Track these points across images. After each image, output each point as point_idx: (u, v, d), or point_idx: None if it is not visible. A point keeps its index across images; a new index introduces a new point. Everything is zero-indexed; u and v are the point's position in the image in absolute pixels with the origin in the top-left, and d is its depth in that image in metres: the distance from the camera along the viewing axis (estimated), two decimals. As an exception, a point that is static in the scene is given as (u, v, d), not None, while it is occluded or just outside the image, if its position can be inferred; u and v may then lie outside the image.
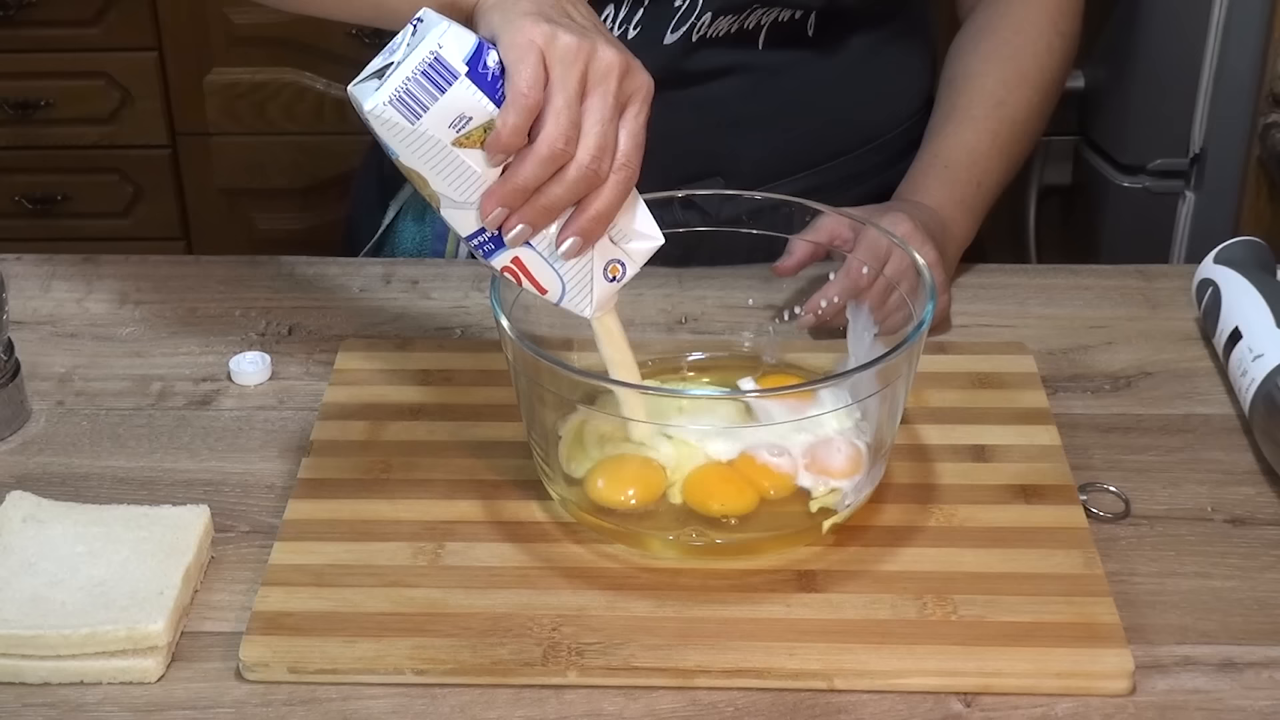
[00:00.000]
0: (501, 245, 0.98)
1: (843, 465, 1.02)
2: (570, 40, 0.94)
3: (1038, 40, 1.34)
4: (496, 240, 0.98)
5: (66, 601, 0.96)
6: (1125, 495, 1.09)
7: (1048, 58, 1.34)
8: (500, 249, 0.98)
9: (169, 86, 2.61)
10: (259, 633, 0.96)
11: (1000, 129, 1.31)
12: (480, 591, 0.99)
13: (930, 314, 1.01)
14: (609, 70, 0.95)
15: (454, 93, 0.92)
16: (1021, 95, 1.32)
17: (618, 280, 1.01)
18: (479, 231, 0.98)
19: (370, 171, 1.54)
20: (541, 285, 1.00)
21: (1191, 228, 2.02)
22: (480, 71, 0.93)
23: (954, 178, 1.28)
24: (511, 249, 0.98)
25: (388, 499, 1.07)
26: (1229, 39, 1.90)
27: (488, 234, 0.98)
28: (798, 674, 0.93)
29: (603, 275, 1.00)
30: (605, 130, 0.94)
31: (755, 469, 1.02)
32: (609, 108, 0.95)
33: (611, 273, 1.00)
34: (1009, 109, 1.31)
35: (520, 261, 0.99)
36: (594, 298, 1.01)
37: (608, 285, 1.01)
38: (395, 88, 0.91)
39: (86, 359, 1.25)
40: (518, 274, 0.99)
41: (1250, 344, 1.14)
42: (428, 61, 0.91)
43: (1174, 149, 2.01)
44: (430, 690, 0.94)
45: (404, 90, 0.91)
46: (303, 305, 1.31)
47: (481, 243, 0.98)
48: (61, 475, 1.12)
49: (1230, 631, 0.97)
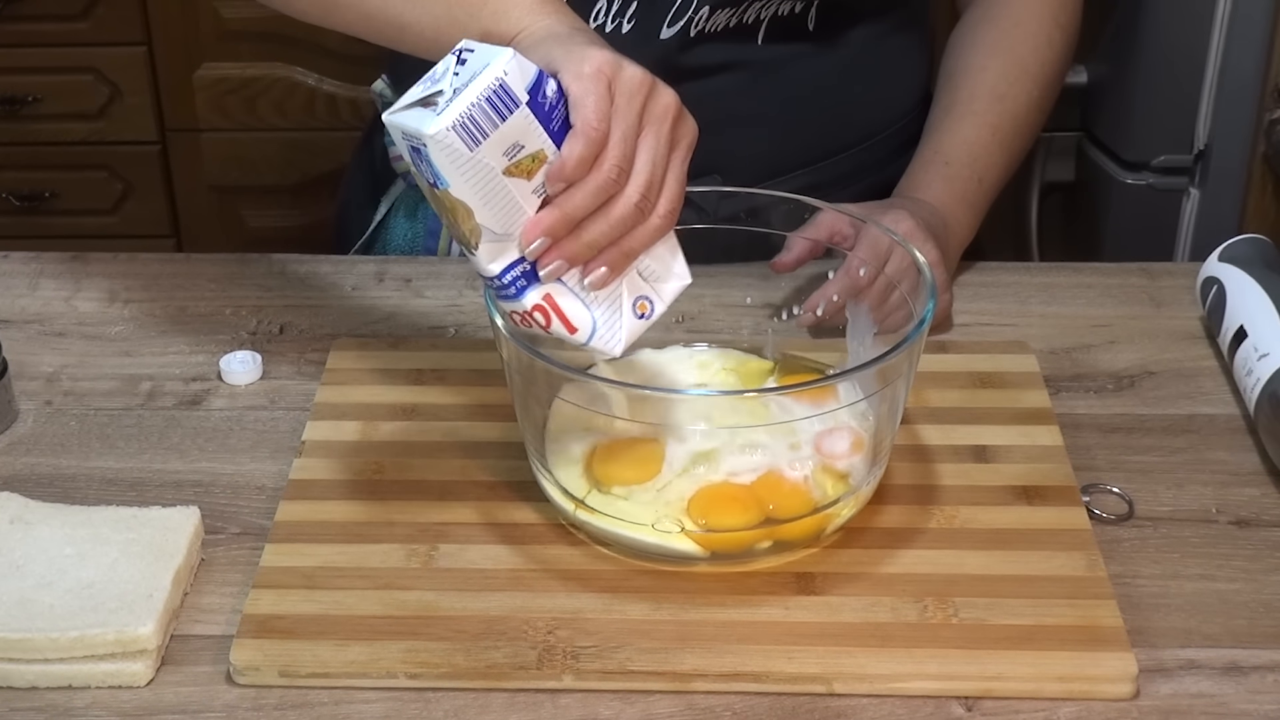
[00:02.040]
0: (533, 283, 0.97)
1: (846, 448, 1.02)
2: (635, 74, 0.94)
3: (1038, 34, 1.34)
4: (530, 276, 0.97)
5: (54, 604, 0.96)
6: (1128, 496, 1.08)
7: (1048, 51, 1.34)
8: (531, 287, 0.97)
9: (158, 82, 2.60)
10: (250, 636, 0.95)
11: (1001, 123, 1.30)
12: (474, 594, 0.98)
13: (931, 313, 1.01)
14: (666, 111, 0.95)
15: (514, 120, 0.92)
16: (1022, 89, 1.32)
17: (646, 318, 1.01)
18: (512, 266, 0.97)
19: (361, 168, 1.54)
20: (572, 324, 0.99)
21: (1196, 225, 2.02)
22: (539, 101, 0.93)
23: (955, 174, 1.27)
24: (544, 286, 0.97)
25: (380, 500, 1.06)
26: (1234, 33, 1.90)
27: (519, 270, 0.97)
28: (796, 678, 0.93)
29: (632, 312, 1.00)
30: (656, 169, 0.95)
31: (779, 492, 1.01)
32: (663, 147, 0.95)
33: (640, 309, 1.00)
34: (1009, 103, 1.31)
35: (552, 299, 0.98)
36: (623, 335, 1.00)
37: (637, 322, 1.00)
38: (460, 113, 0.91)
39: (75, 358, 1.25)
40: (548, 312, 0.98)
41: (1255, 343, 1.14)
42: (493, 88, 0.91)
43: (1178, 145, 2.01)
44: (423, 694, 0.93)
45: (467, 116, 0.91)
46: (294, 304, 1.31)
47: (514, 279, 0.97)
48: (49, 476, 1.11)
49: (1235, 635, 0.97)
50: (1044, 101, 1.34)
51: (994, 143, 1.30)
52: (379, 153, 1.48)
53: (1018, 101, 1.32)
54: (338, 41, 2.52)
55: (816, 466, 1.01)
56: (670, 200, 0.96)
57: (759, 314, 1.17)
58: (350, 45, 2.55)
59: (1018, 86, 1.32)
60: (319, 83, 2.59)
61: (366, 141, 1.54)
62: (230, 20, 2.55)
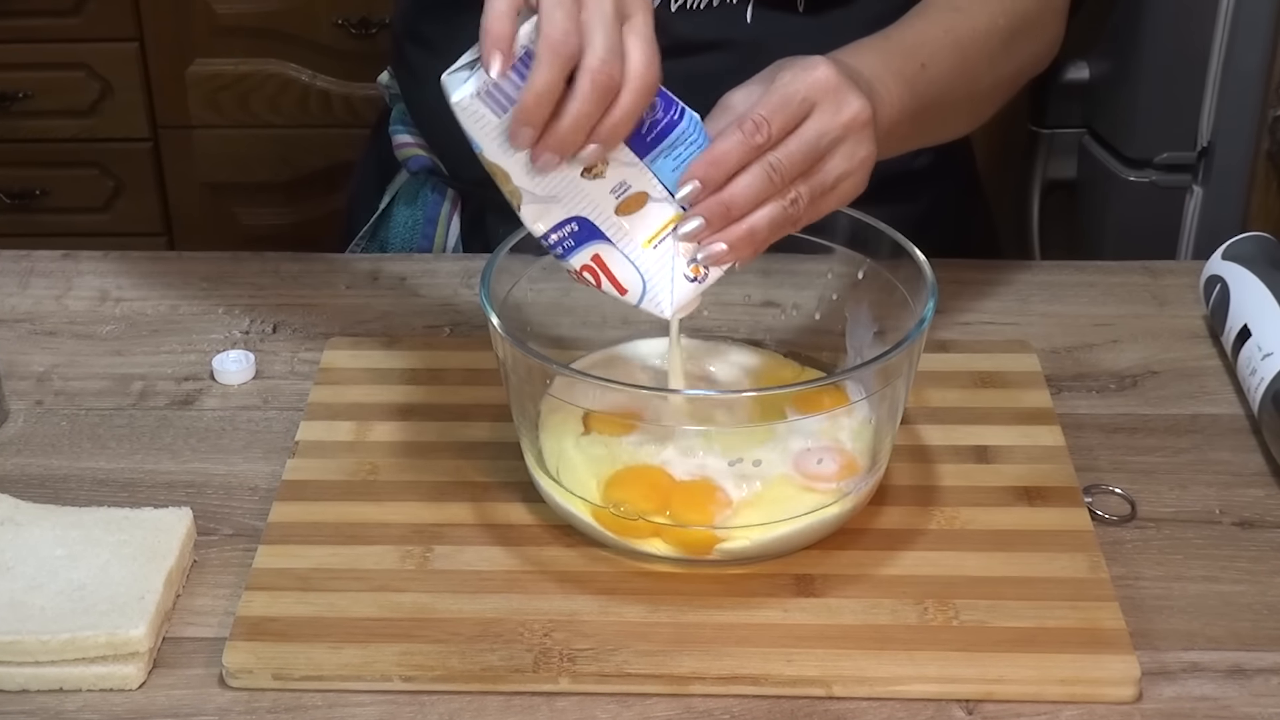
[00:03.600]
0: (582, 242, 0.99)
1: (833, 472, 1.01)
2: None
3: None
4: (578, 237, 0.99)
5: (45, 606, 0.95)
6: (1131, 497, 1.08)
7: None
8: (580, 246, 0.99)
9: (150, 78, 2.60)
10: (242, 638, 0.95)
11: (955, 27, 1.20)
12: (470, 596, 0.98)
13: (932, 311, 1.00)
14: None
15: None
16: (983, 9, 1.23)
17: (699, 282, 1.00)
18: (558, 227, 0.98)
19: (370, 158, 1.54)
20: (621, 284, 1.00)
21: (1199, 223, 2.02)
22: None
23: (893, 49, 1.16)
24: (593, 246, 0.98)
25: (374, 501, 1.06)
26: (1238, 29, 1.90)
27: (566, 231, 0.98)
28: (795, 681, 0.93)
29: (685, 275, 1.00)
30: (610, 33, 0.93)
31: (690, 499, 1.00)
32: (608, 13, 0.94)
33: (694, 273, 1.00)
34: (966, 16, 1.22)
35: (600, 259, 0.99)
36: (674, 297, 1.00)
37: (689, 285, 1.00)
38: (485, 80, 0.92)
39: (66, 358, 1.24)
40: (597, 273, 0.99)
41: (1260, 342, 1.14)
42: (518, 56, 0.92)
43: (1181, 142, 2.01)
44: (418, 698, 0.93)
45: (493, 84, 0.92)
46: (287, 302, 1.31)
47: (561, 239, 0.99)
48: (40, 477, 1.11)
49: (1239, 637, 0.97)
50: (1011, 36, 1.24)
51: (946, 41, 1.19)
52: (386, 144, 1.47)
53: (977, 18, 1.22)
54: (332, 38, 2.52)
55: (774, 484, 1.01)
56: (640, 62, 0.94)
57: (758, 312, 1.16)
58: (344, 41, 2.56)
59: (979, 5, 1.23)
60: (313, 79, 2.59)
61: (375, 134, 1.54)
62: (223, 15, 2.55)
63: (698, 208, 0.98)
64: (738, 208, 0.98)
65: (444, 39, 1.36)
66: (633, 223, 1.00)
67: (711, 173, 0.97)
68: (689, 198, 0.98)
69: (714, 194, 0.98)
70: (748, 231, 0.98)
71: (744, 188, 0.98)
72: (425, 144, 1.44)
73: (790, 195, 0.98)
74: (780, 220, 0.99)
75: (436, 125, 1.41)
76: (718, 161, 0.97)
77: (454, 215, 1.43)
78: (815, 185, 0.99)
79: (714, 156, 0.97)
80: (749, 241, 0.99)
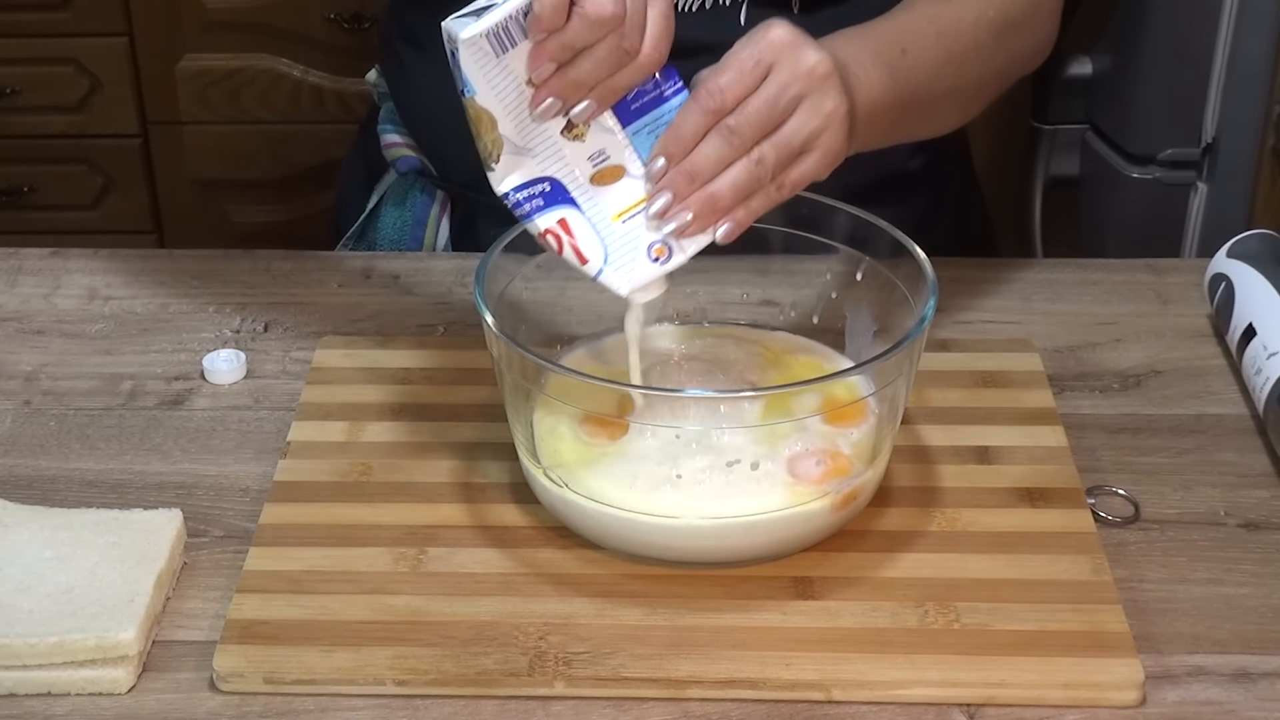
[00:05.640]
0: (551, 204, 1.00)
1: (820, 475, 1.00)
2: None
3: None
4: (548, 198, 1.00)
5: (33, 609, 0.95)
6: (1134, 498, 1.08)
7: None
8: (549, 207, 1.00)
9: (140, 73, 2.60)
10: (233, 642, 0.95)
11: (940, 17, 1.19)
12: (464, 599, 0.98)
13: (932, 310, 1.00)
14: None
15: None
16: (970, 1, 1.21)
17: (661, 262, 1.01)
18: (527, 185, 1.00)
19: (358, 157, 1.54)
20: (583, 253, 1.00)
21: (1203, 220, 2.02)
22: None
23: (872, 34, 1.14)
24: (560, 210, 1.00)
25: (367, 503, 1.06)
26: (1242, 23, 1.89)
27: (536, 190, 1.00)
28: (794, 685, 0.92)
29: (648, 254, 1.01)
30: (636, 8, 0.96)
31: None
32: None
33: (657, 253, 1.01)
34: (952, 6, 1.20)
35: (566, 224, 1.00)
36: (634, 275, 1.01)
37: (651, 265, 1.01)
38: (496, 22, 0.95)
39: (54, 357, 1.24)
40: (560, 237, 1.00)
41: (1265, 341, 1.14)
42: (529, 5, 0.95)
43: (1185, 138, 2.00)
44: (412, 702, 0.93)
45: (502, 26, 0.95)
46: (279, 301, 1.30)
47: (529, 198, 1.00)
48: (28, 478, 1.11)
49: (1244, 640, 0.96)
50: (1004, 30, 1.22)
51: (929, 30, 1.17)
52: (374, 142, 1.47)
53: (964, 9, 1.21)
54: (324, 32, 2.52)
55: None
56: (655, 38, 0.97)
57: (756, 311, 1.16)
58: (337, 36, 2.56)
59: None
60: (305, 74, 2.59)
61: (363, 131, 1.53)
62: (214, 10, 2.55)
63: (663, 181, 0.99)
64: (700, 175, 0.99)
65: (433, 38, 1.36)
66: (605, 194, 1.01)
67: (672, 147, 0.99)
68: (655, 174, 0.99)
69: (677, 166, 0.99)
70: (709, 196, 0.99)
71: (704, 154, 0.99)
72: (414, 144, 1.43)
73: (755, 156, 0.99)
74: (745, 182, 0.99)
75: (426, 125, 1.41)
76: (678, 135, 0.99)
77: (443, 217, 1.43)
78: (781, 144, 0.99)
79: (674, 130, 0.99)
80: (711, 206, 0.99)
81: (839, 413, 1.03)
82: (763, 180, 0.99)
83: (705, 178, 0.99)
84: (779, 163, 0.99)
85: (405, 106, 1.44)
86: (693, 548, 0.99)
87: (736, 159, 0.99)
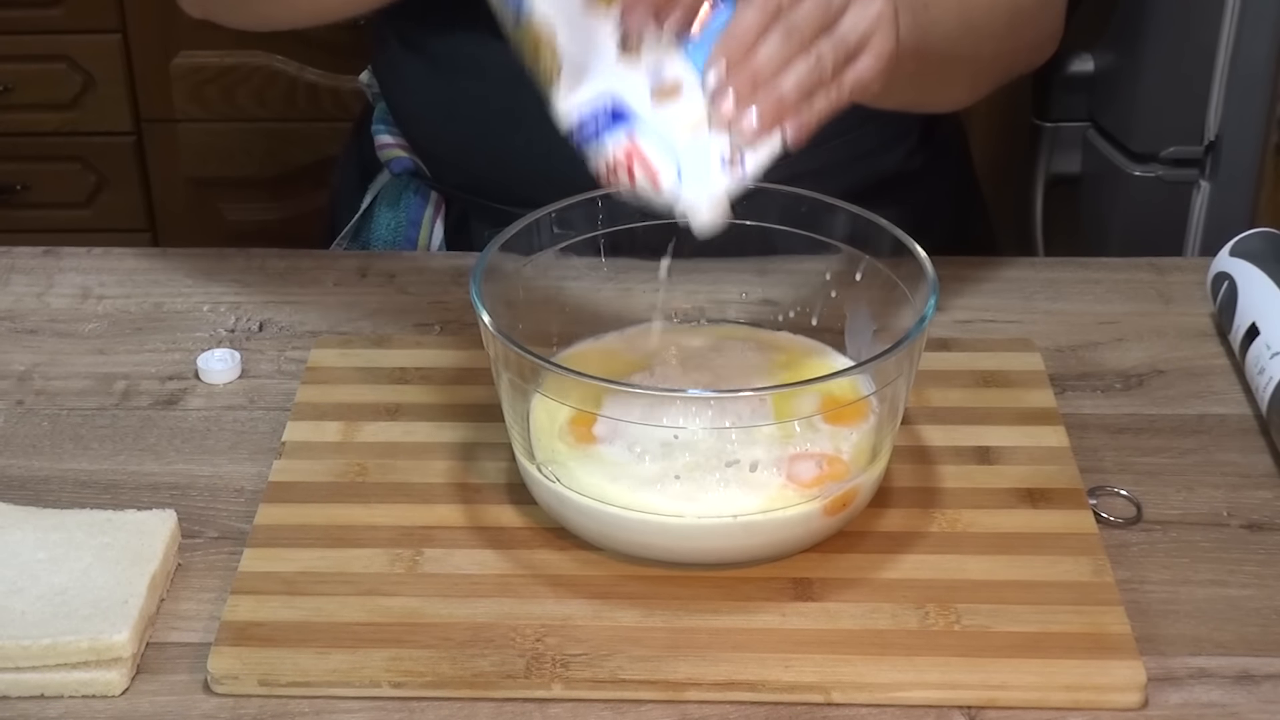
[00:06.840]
0: (616, 122, 0.98)
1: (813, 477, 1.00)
2: None
3: None
4: (614, 117, 0.99)
5: (26, 611, 0.95)
6: (1136, 499, 1.07)
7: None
8: (615, 126, 0.98)
9: (133, 70, 2.61)
10: (228, 643, 0.94)
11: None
12: (460, 600, 0.97)
13: (933, 309, 0.99)
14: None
15: None
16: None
17: (735, 171, 0.99)
18: (596, 103, 0.98)
19: (351, 157, 1.53)
20: (656, 171, 0.98)
21: (1206, 219, 2.02)
22: None
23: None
24: (626, 127, 0.98)
25: (363, 503, 1.05)
26: (1245, 20, 1.90)
27: (603, 108, 0.98)
28: (793, 687, 0.92)
29: (721, 164, 0.99)
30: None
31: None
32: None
33: (729, 162, 0.99)
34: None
35: (635, 142, 0.98)
36: (709, 189, 0.99)
37: (724, 177, 0.99)
38: None
39: (47, 356, 1.23)
40: (630, 157, 0.98)
41: (1268, 340, 1.14)
42: None
43: (1188, 136, 2.01)
44: (408, 704, 0.92)
45: None
46: (274, 300, 1.30)
47: (596, 116, 0.98)
48: (21, 479, 1.10)
49: (1247, 642, 0.96)
50: (1017, 14, 1.24)
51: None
52: (368, 142, 1.46)
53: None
54: (320, 29, 2.51)
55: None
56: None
57: (755, 310, 1.16)
58: (333, 34, 2.55)
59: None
60: (300, 72, 2.59)
61: (357, 131, 1.53)
62: (209, 8, 2.54)
63: (726, 83, 0.98)
64: (762, 75, 0.97)
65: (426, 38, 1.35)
66: (668, 109, 0.99)
67: (733, 46, 0.98)
68: (717, 77, 0.98)
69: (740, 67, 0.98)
70: (776, 98, 0.98)
71: (765, 54, 0.97)
72: (407, 145, 1.42)
73: (814, 54, 0.98)
74: (807, 80, 0.98)
75: (419, 127, 1.40)
76: (737, 35, 0.98)
77: (437, 219, 1.42)
78: (838, 41, 0.99)
79: (733, 30, 0.98)
80: (776, 105, 0.98)
81: (839, 413, 1.02)
82: (824, 78, 0.99)
83: (767, 77, 0.98)
84: (837, 61, 0.99)
85: (397, 107, 1.43)
86: (691, 548, 0.99)
87: (795, 57, 0.98)
